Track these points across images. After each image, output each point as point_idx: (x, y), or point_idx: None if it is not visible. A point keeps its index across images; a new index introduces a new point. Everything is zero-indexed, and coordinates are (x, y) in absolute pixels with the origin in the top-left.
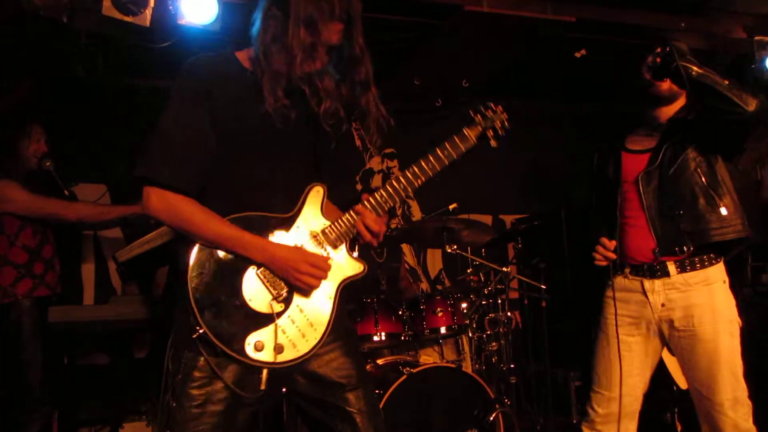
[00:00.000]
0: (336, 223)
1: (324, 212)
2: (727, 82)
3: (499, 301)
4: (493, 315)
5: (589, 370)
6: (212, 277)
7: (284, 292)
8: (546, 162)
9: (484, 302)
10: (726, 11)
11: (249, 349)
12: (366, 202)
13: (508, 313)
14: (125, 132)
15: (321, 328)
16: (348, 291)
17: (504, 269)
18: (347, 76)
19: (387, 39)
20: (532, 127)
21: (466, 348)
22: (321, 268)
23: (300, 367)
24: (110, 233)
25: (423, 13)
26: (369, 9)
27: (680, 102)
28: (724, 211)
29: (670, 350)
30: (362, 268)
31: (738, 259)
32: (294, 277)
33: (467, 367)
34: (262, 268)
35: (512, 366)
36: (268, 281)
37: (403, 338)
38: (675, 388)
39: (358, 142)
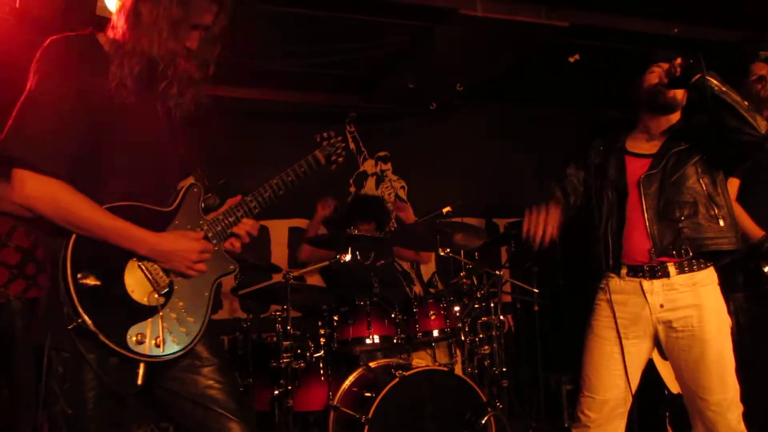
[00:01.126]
0: (212, 221)
1: (201, 210)
2: (746, 103)
3: (492, 305)
4: (485, 318)
5: (580, 376)
6: (93, 268)
7: (166, 285)
8: (539, 166)
9: (476, 306)
10: (719, 18)
11: (130, 342)
12: (239, 206)
13: (501, 317)
14: None
15: (199, 322)
16: (341, 293)
17: (497, 273)
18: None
19: (381, 42)
20: (525, 131)
21: (459, 351)
22: (208, 250)
23: (175, 366)
24: None
25: (417, 17)
26: (363, 12)
27: (677, 114)
28: (721, 222)
29: (661, 353)
30: (235, 266)
31: (728, 264)
32: (184, 267)
33: (459, 370)
34: (144, 260)
35: (504, 369)
36: (150, 273)
37: (395, 341)
38: (666, 392)
39: (351, 145)
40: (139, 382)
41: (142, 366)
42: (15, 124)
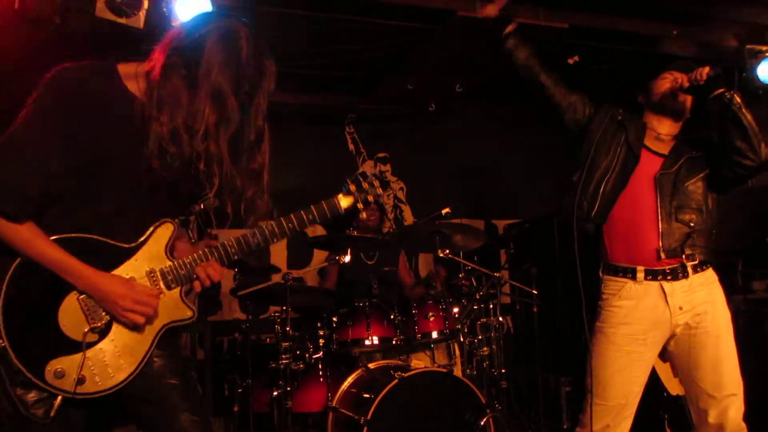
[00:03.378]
0: (177, 264)
1: (169, 251)
2: (757, 128)
3: (491, 306)
4: (484, 320)
5: (581, 377)
6: (28, 294)
7: (102, 324)
8: (538, 168)
9: (475, 307)
10: (717, 19)
11: (48, 375)
12: (214, 250)
13: (500, 318)
14: None
15: (130, 368)
16: (336, 296)
17: (496, 274)
18: (239, 161)
19: (381, 43)
20: (524, 132)
21: (458, 353)
22: (147, 304)
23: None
24: None
25: (417, 18)
26: (363, 13)
27: (680, 123)
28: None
29: (660, 355)
30: (191, 314)
31: (728, 266)
32: (117, 312)
33: (458, 371)
34: (83, 295)
35: (503, 371)
36: (87, 309)
37: (394, 342)
38: (665, 394)
39: (351, 146)
40: (52, 414)
41: (58, 399)
42: None
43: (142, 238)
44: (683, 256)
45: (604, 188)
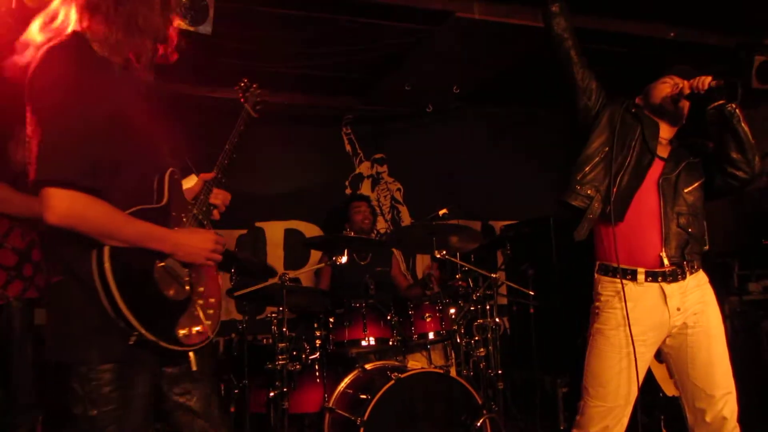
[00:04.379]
0: (199, 204)
1: (185, 195)
2: (753, 141)
3: (488, 307)
4: (481, 321)
5: (577, 378)
6: (130, 279)
7: (187, 277)
8: (535, 169)
9: (472, 308)
10: (714, 21)
11: (182, 338)
12: (210, 181)
13: (497, 319)
14: None
15: (218, 301)
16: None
17: (493, 275)
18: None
19: (378, 44)
20: (522, 133)
21: (454, 353)
22: (220, 242)
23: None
24: None
25: (414, 19)
26: (361, 14)
27: (675, 129)
28: (705, 243)
29: (656, 356)
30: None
31: (724, 268)
32: (202, 259)
33: (455, 372)
34: (167, 259)
35: (500, 372)
36: (173, 270)
37: (391, 343)
38: (661, 394)
39: (348, 147)
40: (194, 368)
41: (191, 354)
42: (42, 148)
43: (165, 193)
44: (684, 263)
45: (620, 184)
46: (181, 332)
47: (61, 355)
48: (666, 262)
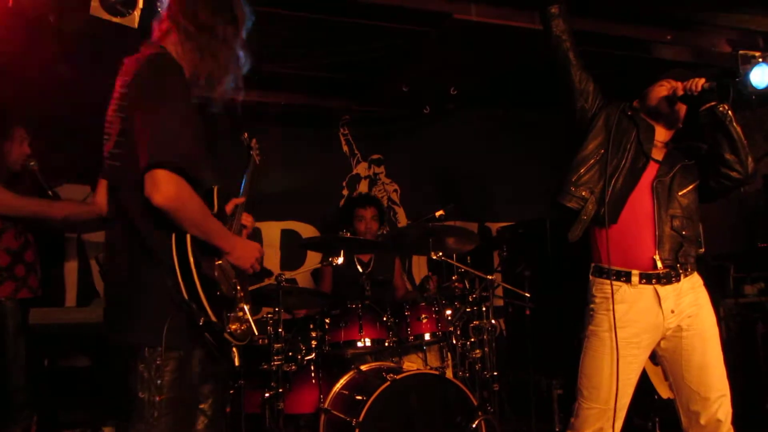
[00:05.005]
0: (236, 220)
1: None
2: (746, 142)
3: (484, 309)
4: (477, 322)
5: (573, 380)
6: (202, 267)
7: (234, 279)
8: (532, 171)
9: (468, 309)
10: (711, 25)
11: (235, 333)
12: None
13: (493, 321)
14: None
15: (251, 310)
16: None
17: (489, 277)
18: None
19: (376, 46)
20: (519, 136)
21: (450, 355)
22: (262, 252)
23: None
24: (94, 236)
25: (412, 21)
26: (358, 16)
27: (673, 132)
28: (701, 244)
29: (651, 359)
30: None
31: (720, 271)
32: (249, 265)
33: (450, 374)
34: (223, 258)
35: (495, 373)
36: (227, 269)
37: (387, 344)
38: (656, 396)
39: (345, 148)
40: (237, 363)
41: (235, 350)
42: (156, 134)
43: (215, 204)
44: (677, 265)
45: (614, 186)
46: (233, 326)
47: (129, 338)
48: (659, 264)
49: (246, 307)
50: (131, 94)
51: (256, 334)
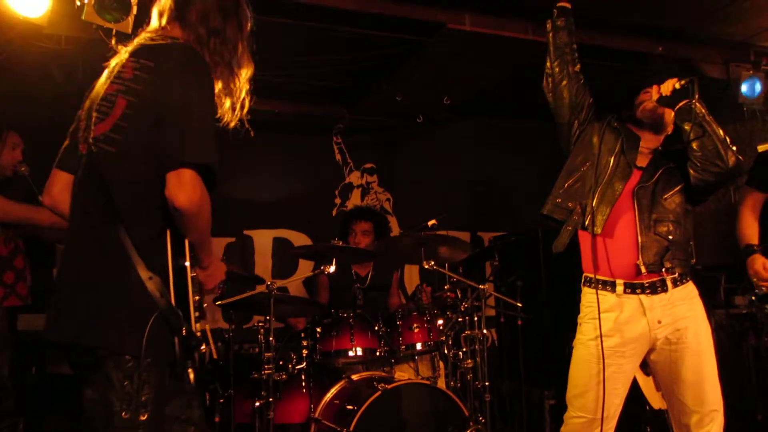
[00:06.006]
0: None
1: None
2: (723, 136)
3: (476, 319)
4: (469, 332)
5: (564, 390)
6: (197, 277)
7: (199, 295)
8: (525, 180)
9: (460, 319)
10: (703, 37)
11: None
12: None
13: (484, 331)
14: None
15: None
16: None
17: (481, 286)
18: None
19: (370, 55)
20: (511, 145)
21: (442, 365)
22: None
23: None
24: None
25: (406, 30)
26: (352, 25)
27: (662, 137)
28: (691, 248)
29: (643, 369)
30: None
31: (711, 281)
32: (215, 282)
33: (442, 383)
34: (195, 271)
35: (487, 384)
36: (196, 281)
37: (378, 354)
38: (647, 407)
39: (338, 157)
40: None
41: (190, 370)
42: (193, 131)
43: None
44: (663, 270)
45: (599, 197)
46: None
47: (106, 342)
48: (643, 269)
49: (207, 327)
50: (155, 80)
51: (215, 357)
